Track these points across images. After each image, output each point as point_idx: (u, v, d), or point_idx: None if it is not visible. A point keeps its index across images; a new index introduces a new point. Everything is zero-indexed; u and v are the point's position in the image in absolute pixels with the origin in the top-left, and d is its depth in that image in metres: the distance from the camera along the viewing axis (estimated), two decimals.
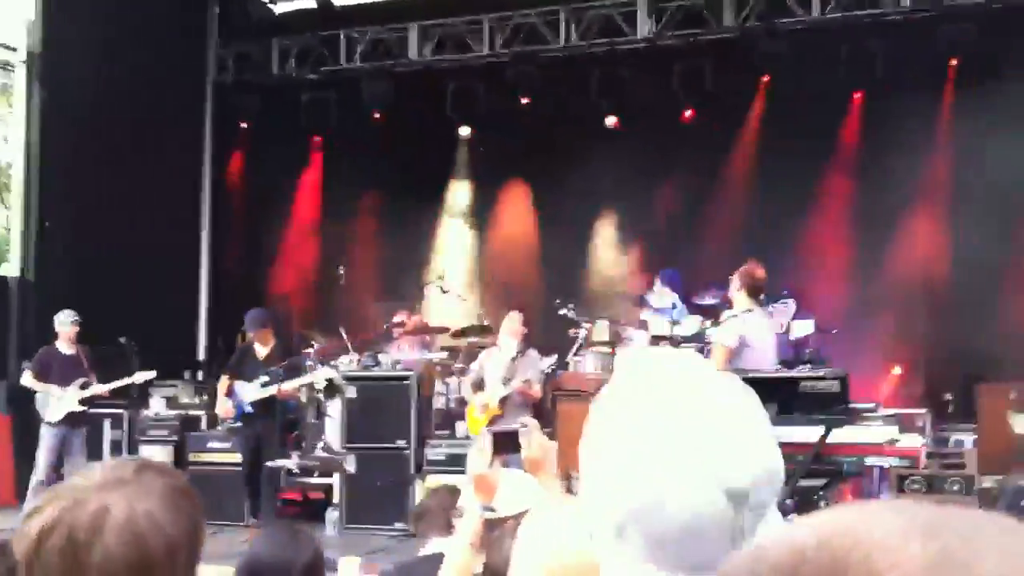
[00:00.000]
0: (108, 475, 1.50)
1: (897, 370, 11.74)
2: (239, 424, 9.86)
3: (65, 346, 10.26)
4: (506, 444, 3.48)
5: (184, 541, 1.51)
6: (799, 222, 12.75)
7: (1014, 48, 11.51)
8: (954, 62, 12.23)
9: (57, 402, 9.97)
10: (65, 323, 10.26)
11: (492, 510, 3.42)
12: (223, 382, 9.90)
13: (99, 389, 10.20)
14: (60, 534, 1.43)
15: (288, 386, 9.58)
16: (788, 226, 12.69)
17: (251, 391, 9.62)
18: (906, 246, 12.32)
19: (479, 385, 9.58)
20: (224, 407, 9.87)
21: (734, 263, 11.87)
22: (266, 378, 9.56)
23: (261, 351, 9.85)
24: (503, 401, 9.33)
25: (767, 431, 1.22)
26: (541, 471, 3.42)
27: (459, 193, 14.69)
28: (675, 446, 1.17)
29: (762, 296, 7.99)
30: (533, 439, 3.39)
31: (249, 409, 9.62)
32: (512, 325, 9.62)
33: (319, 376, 9.60)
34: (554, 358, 9.62)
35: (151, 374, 10.56)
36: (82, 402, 10.07)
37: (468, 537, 3.25)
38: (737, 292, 7.96)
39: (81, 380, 10.09)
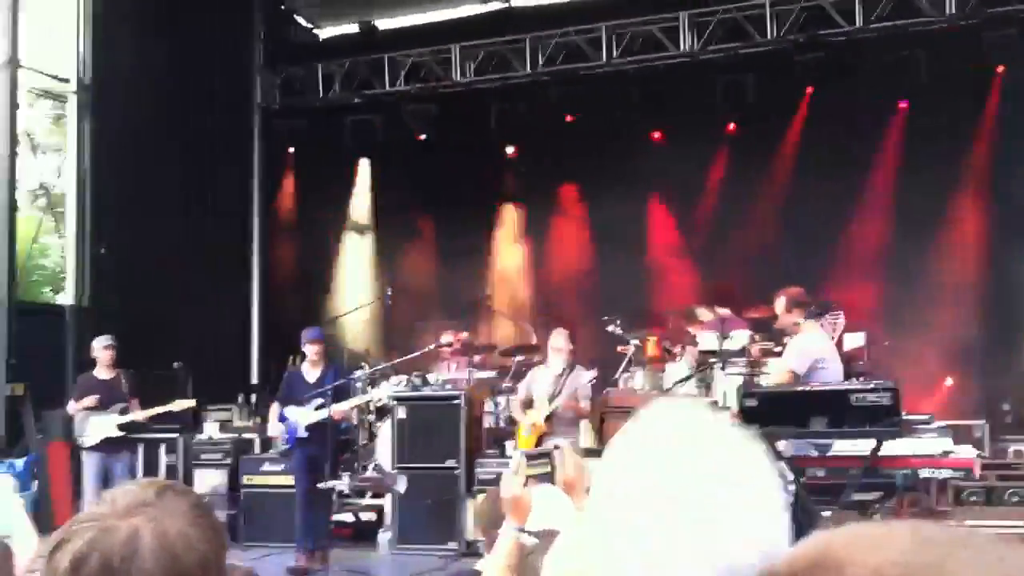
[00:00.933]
0: (131, 499, 1.52)
1: (949, 381, 11.59)
2: (292, 447, 9.78)
3: (103, 371, 10.16)
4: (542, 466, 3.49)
5: (213, 556, 1.53)
6: (847, 232, 12.67)
7: None
8: (1000, 69, 12.09)
9: (94, 427, 9.84)
10: (98, 348, 10.15)
11: (526, 532, 3.44)
12: (273, 409, 9.83)
13: (138, 415, 10.05)
14: (95, 562, 1.44)
15: (340, 408, 9.50)
16: (835, 237, 12.62)
17: (304, 415, 9.52)
18: (957, 255, 12.18)
19: (528, 404, 9.54)
20: (276, 430, 9.87)
21: (780, 275, 11.91)
22: (320, 400, 9.48)
23: (312, 374, 9.73)
24: (549, 419, 9.25)
25: (776, 500, 1.19)
26: (575, 492, 3.43)
27: (507, 211, 14.74)
28: (677, 523, 1.15)
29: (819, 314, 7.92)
30: (567, 459, 3.41)
31: (304, 433, 9.53)
32: (557, 342, 9.53)
33: (372, 396, 9.57)
34: (594, 372, 9.51)
35: (190, 403, 10.52)
36: (121, 427, 9.91)
37: (503, 559, 3.26)
38: (792, 314, 7.91)
39: (120, 406, 9.96)
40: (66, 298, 12.70)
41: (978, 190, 12.44)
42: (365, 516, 11.14)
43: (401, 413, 10.35)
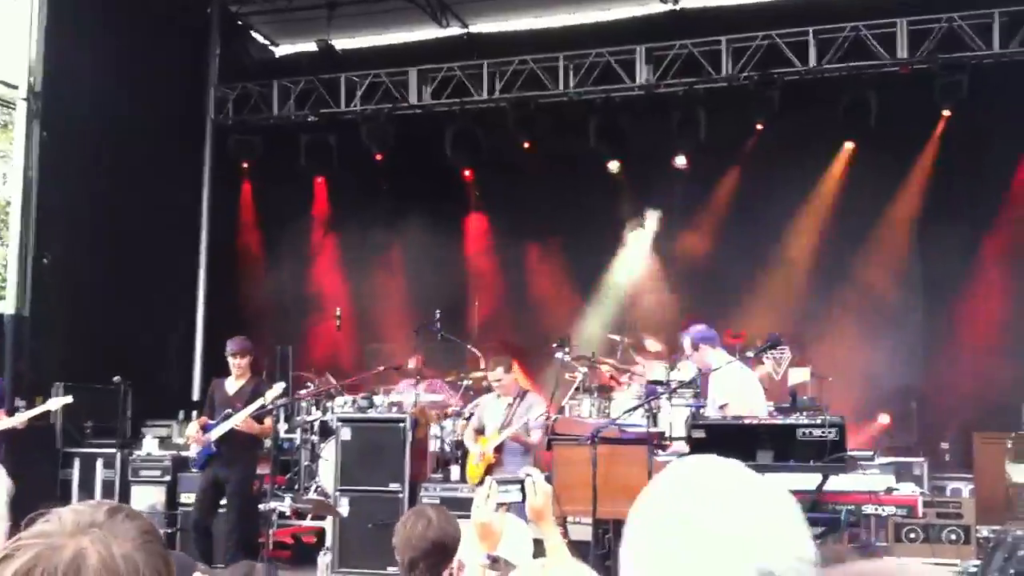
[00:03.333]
0: (80, 519, 1.49)
1: (884, 418, 11.73)
2: (200, 468, 9.39)
3: None
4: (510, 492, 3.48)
5: None
6: (788, 268, 12.83)
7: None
8: (946, 113, 12.35)
9: None
10: None
11: (495, 559, 3.41)
12: (194, 424, 9.48)
13: (8, 423, 9.55)
14: None
15: (240, 417, 9.06)
16: (779, 272, 12.78)
17: (215, 430, 9.19)
18: (902, 295, 12.39)
19: (481, 431, 9.52)
20: (196, 441, 9.37)
21: (725, 309, 12.09)
22: (229, 411, 9.16)
23: (232, 386, 9.45)
24: (499, 449, 9.21)
25: (805, 542, 1.27)
26: (543, 519, 3.43)
27: (461, 236, 14.73)
28: (709, 535, 1.23)
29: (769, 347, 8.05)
30: (538, 487, 3.40)
31: (213, 449, 9.15)
32: (494, 375, 9.47)
33: (267, 398, 9.09)
34: (543, 406, 9.46)
35: (66, 399, 10.16)
36: None
37: None
38: (700, 351, 8.06)
39: None
40: (6, 307, 12.46)
41: (910, 230, 12.71)
42: (306, 538, 11.02)
43: (345, 434, 10.27)
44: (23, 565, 1.42)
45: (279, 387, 9.39)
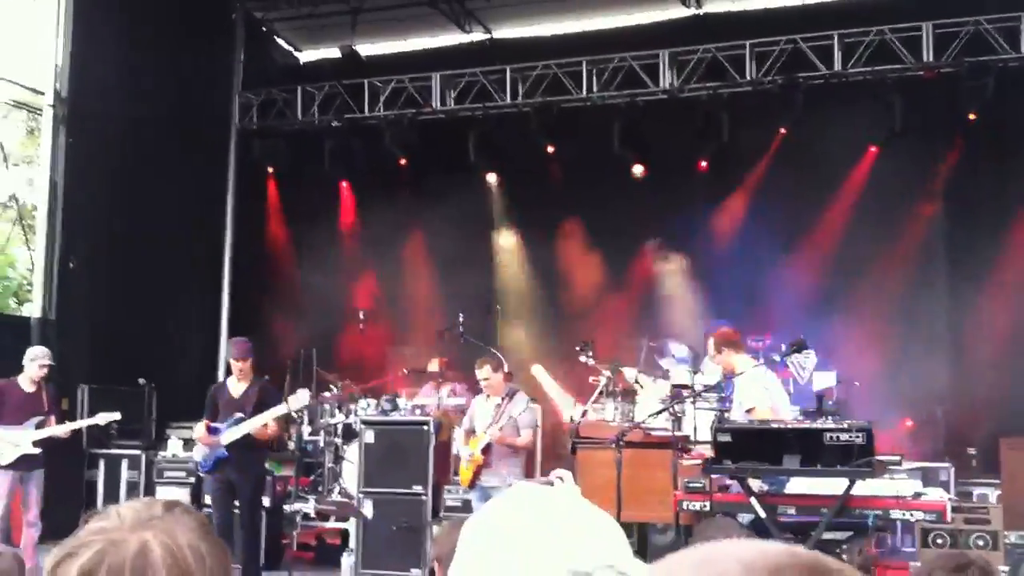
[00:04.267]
0: (139, 514, 1.50)
1: (909, 423, 11.65)
2: (208, 470, 9.20)
3: (27, 383, 9.51)
4: None
5: (221, 570, 1.51)
6: (812, 272, 12.76)
7: None
8: (972, 117, 12.27)
9: (7, 443, 9.18)
10: (33, 362, 9.48)
11: None
12: (198, 428, 9.29)
13: (56, 430, 9.46)
14: (105, 574, 1.42)
15: (257, 422, 8.93)
16: (802, 276, 12.72)
17: (226, 433, 9.04)
18: (928, 298, 12.32)
19: (472, 432, 9.41)
20: (199, 454, 9.24)
21: (753, 312, 12.05)
22: (240, 414, 9.04)
23: (237, 388, 9.27)
24: (486, 450, 9.08)
25: (624, 555, 1.26)
26: None
27: (486, 239, 14.74)
28: (526, 542, 1.23)
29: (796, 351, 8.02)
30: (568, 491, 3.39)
31: (224, 453, 8.96)
32: (481, 373, 9.29)
33: (291, 407, 9.06)
34: (526, 400, 9.33)
35: (114, 415, 10.11)
36: (37, 443, 9.29)
37: None
38: (723, 354, 8.02)
39: (36, 419, 9.37)
40: (33, 310, 12.55)
41: (934, 235, 12.65)
42: (330, 540, 11.04)
43: (369, 437, 10.28)
44: (88, 561, 1.43)
45: (304, 395, 9.34)
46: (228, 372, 9.39)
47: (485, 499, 8.69)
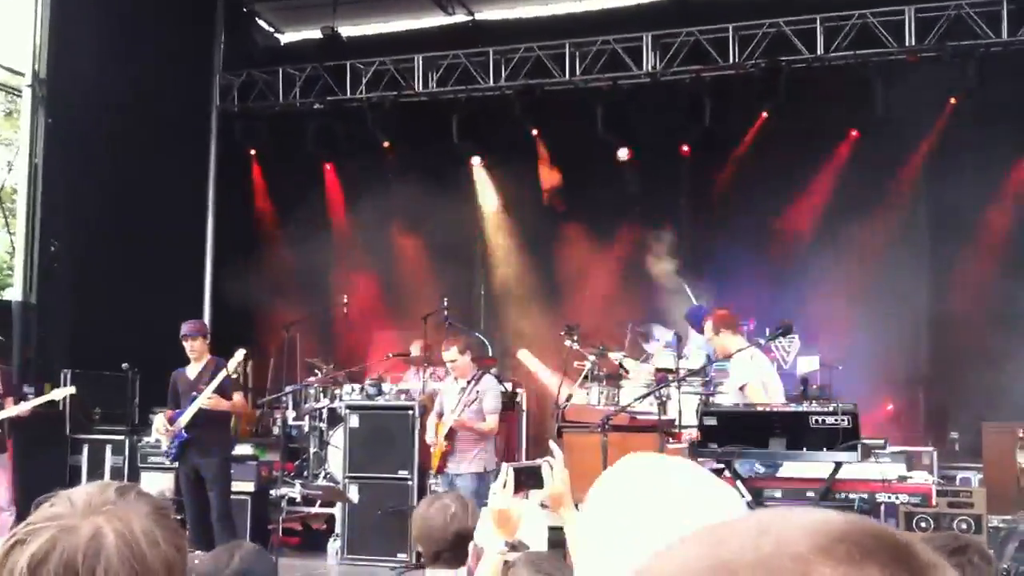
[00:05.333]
0: (91, 499, 1.48)
1: (890, 407, 11.74)
2: (174, 457, 8.94)
3: None
4: (529, 480, 3.47)
5: (177, 556, 1.51)
6: (794, 256, 12.83)
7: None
8: (952, 100, 12.34)
9: None
10: None
11: (514, 547, 3.41)
12: (160, 417, 9.04)
13: (13, 411, 9.30)
14: (56, 562, 1.41)
15: (205, 394, 8.66)
16: (784, 260, 12.78)
17: (183, 416, 8.75)
18: (912, 283, 12.39)
19: (441, 418, 9.15)
20: (165, 433, 8.91)
21: (737, 296, 12.09)
22: (193, 393, 8.78)
23: (192, 370, 9.04)
24: (450, 436, 8.85)
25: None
26: (562, 505, 3.41)
27: (471, 223, 14.71)
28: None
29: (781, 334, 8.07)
30: (556, 474, 3.38)
31: (183, 435, 8.68)
32: (448, 355, 9.06)
33: (231, 365, 8.81)
34: (491, 381, 9.13)
35: (69, 390, 9.97)
36: None
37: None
38: (720, 335, 8.06)
39: None
40: (14, 294, 12.46)
41: (915, 218, 12.73)
42: (315, 525, 11.05)
43: (354, 422, 10.29)
44: (39, 549, 1.41)
45: (239, 354, 9.01)
46: (218, 355, 9.22)
47: (450, 485, 8.67)
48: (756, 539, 0.71)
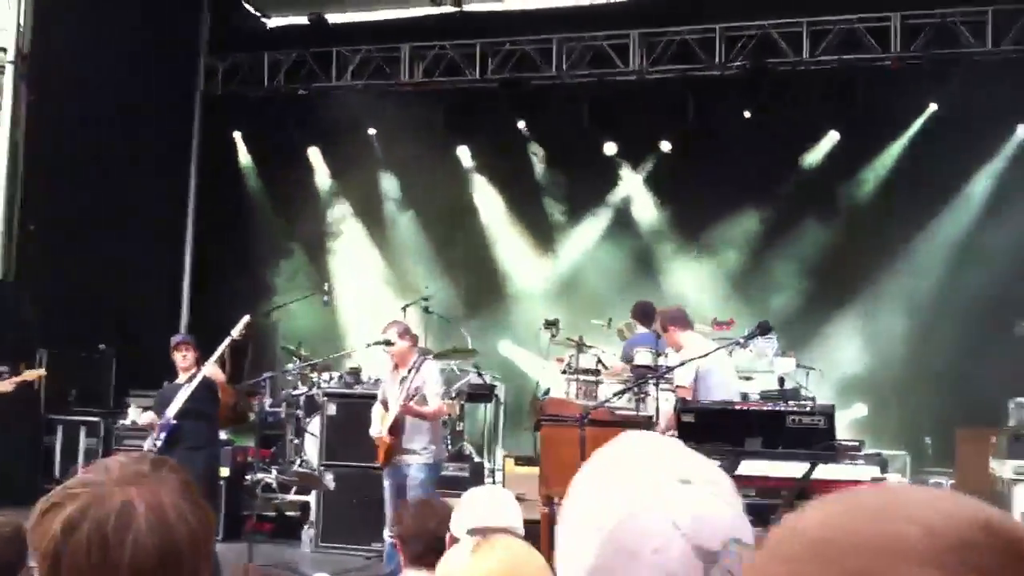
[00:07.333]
0: (126, 470, 1.52)
1: (862, 409, 11.82)
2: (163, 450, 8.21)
3: None
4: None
5: (203, 532, 1.54)
6: (771, 257, 12.92)
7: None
8: (932, 107, 12.46)
9: None
10: None
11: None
12: (148, 414, 8.69)
13: None
14: (88, 528, 1.44)
15: (212, 360, 8.32)
16: (760, 261, 12.88)
17: (174, 402, 8.30)
18: (883, 288, 12.48)
19: (386, 408, 8.47)
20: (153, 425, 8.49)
21: (709, 296, 12.18)
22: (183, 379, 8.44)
23: (182, 379, 8.56)
24: (394, 430, 8.17)
25: (741, 510, 1.24)
26: None
27: (457, 213, 14.69)
28: (651, 505, 1.19)
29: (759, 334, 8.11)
30: None
31: (173, 422, 8.24)
32: (390, 336, 8.40)
33: (236, 330, 8.45)
34: (431, 362, 8.51)
35: (40, 372, 9.95)
36: None
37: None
38: (670, 332, 8.14)
39: None
40: None
41: (892, 221, 12.84)
42: (289, 512, 11.03)
43: (331, 409, 10.26)
44: (73, 512, 1.46)
45: (244, 319, 8.61)
46: (198, 339, 9.05)
47: (395, 477, 8.25)
48: (870, 524, 0.69)
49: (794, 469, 6.93)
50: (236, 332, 8.59)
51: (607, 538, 1.17)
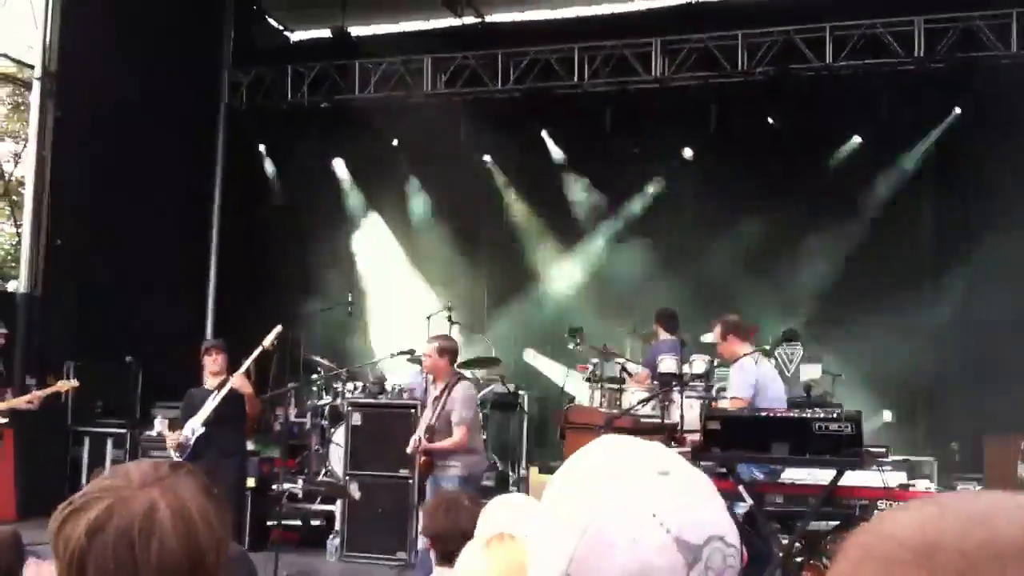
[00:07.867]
0: (146, 474, 1.53)
1: (888, 415, 11.73)
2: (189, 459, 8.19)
3: None
4: None
5: (224, 533, 1.56)
6: (797, 264, 12.85)
7: None
8: (956, 111, 12.38)
9: None
10: None
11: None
12: (173, 439, 8.58)
13: (13, 403, 9.42)
14: (114, 531, 1.45)
15: (240, 371, 8.36)
16: (787, 267, 12.81)
17: (202, 410, 8.35)
18: (911, 294, 12.39)
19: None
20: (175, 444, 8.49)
21: (733, 303, 12.11)
22: (212, 384, 8.48)
23: (210, 384, 8.63)
24: (429, 452, 8.12)
25: (723, 506, 1.23)
26: None
27: (478, 224, 14.71)
28: (629, 495, 1.17)
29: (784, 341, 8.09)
30: None
31: (200, 429, 8.30)
32: (427, 359, 8.36)
33: (267, 340, 8.53)
34: (465, 384, 8.24)
35: (72, 383, 10.00)
36: None
37: None
38: (728, 341, 8.08)
39: None
40: (19, 286, 12.48)
41: (920, 228, 12.75)
42: (315, 521, 11.03)
43: (356, 419, 10.27)
44: (96, 517, 1.46)
45: (276, 329, 8.67)
46: None
47: (433, 487, 8.09)
48: (969, 526, 0.68)
49: (822, 476, 6.89)
50: (268, 342, 8.66)
51: (585, 530, 1.16)
